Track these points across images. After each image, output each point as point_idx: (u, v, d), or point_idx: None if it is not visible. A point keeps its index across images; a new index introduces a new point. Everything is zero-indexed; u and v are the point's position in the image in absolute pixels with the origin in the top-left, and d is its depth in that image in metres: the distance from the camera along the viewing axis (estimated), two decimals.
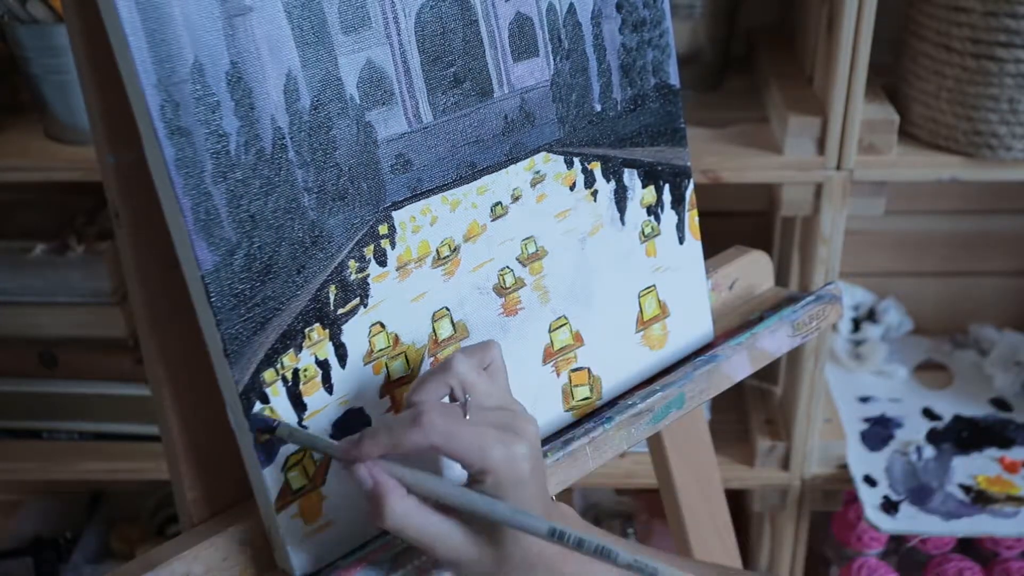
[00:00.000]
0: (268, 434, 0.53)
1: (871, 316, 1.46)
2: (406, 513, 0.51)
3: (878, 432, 1.31)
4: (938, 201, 1.43)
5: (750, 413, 1.32)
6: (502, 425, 0.51)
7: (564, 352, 0.65)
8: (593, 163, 0.65)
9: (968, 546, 1.31)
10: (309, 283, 0.53)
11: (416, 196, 0.57)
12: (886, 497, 1.21)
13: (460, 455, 0.50)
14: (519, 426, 0.52)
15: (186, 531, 0.56)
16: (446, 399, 0.54)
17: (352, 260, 0.55)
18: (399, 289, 0.57)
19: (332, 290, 0.54)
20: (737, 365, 0.70)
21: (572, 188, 0.64)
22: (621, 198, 0.67)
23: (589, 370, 0.67)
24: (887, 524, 1.18)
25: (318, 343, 0.54)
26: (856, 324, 1.45)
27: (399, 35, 0.56)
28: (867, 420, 1.33)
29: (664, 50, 0.67)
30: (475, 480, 0.51)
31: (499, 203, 0.61)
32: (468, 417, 0.51)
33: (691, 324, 0.72)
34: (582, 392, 0.67)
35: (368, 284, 0.56)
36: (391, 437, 0.50)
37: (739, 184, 1.10)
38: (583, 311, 0.66)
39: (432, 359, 0.59)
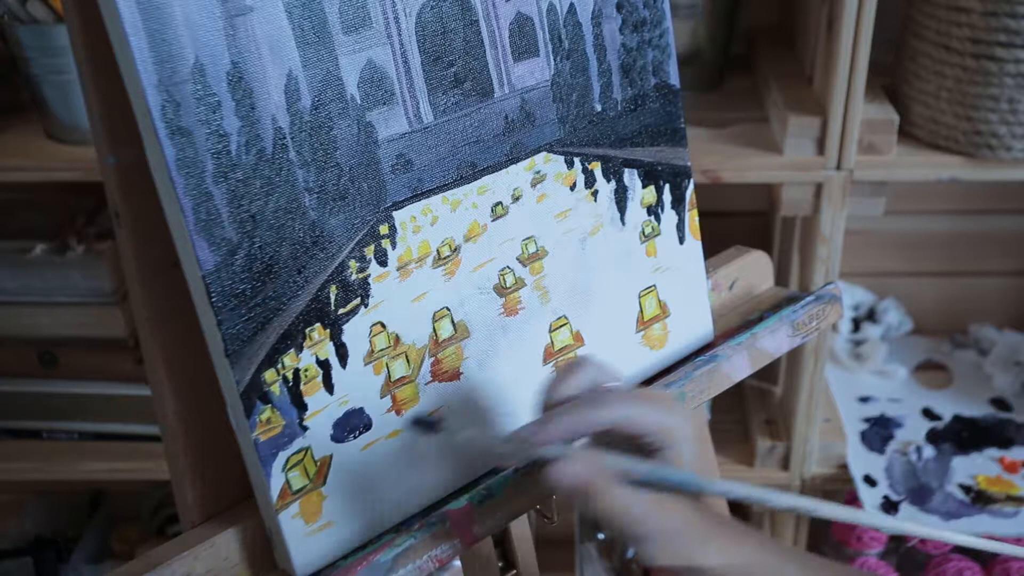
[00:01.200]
0: (430, 432, 0.56)
1: (871, 316, 1.46)
2: (616, 495, 0.51)
3: (878, 432, 1.31)
4: (938, 201, 1.43)
5: (750, 413, 1.32)
6: (655, 398, 0.55)
7: (564, 352, 0.65)
8: (593, 163, 0.65)
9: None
10: (310, 283, 0.53)
11: (417, 196, 0.57)
12: (886, 497, 1.21)
13: (645, 422, 0.53)
14: (664, 398, 0.55)
15: (186, 531, 0.56)
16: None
17: (353, 260, 0.55)
18: (400, 289, 0.57)
19: (333, 290, 0.54)
20: (737, 365, 0.70)
21: (572, 188, 0.64)
22: (621, 198, 0.67)
23: None
24: None
25: (319, 343, 0.54)
26: (856, 324, 1.45)
27: (400, 35, 0.56)
28: (867, 420, 1.33)
29: (664, 50, 0.67)
30: (658, 449, 0.53)
31: (499, 203, 0.61)
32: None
33: (691, 324, 0.72)
34: None
35: (369, 284, 0.56)
36: (574, 422, 0.52)
37: (739, 184, 1.10)
38: (583, 311, 0.66)
39: (432, 359, 0.59)
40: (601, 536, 1.49)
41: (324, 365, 0.55)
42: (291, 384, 0.53)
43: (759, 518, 1.39)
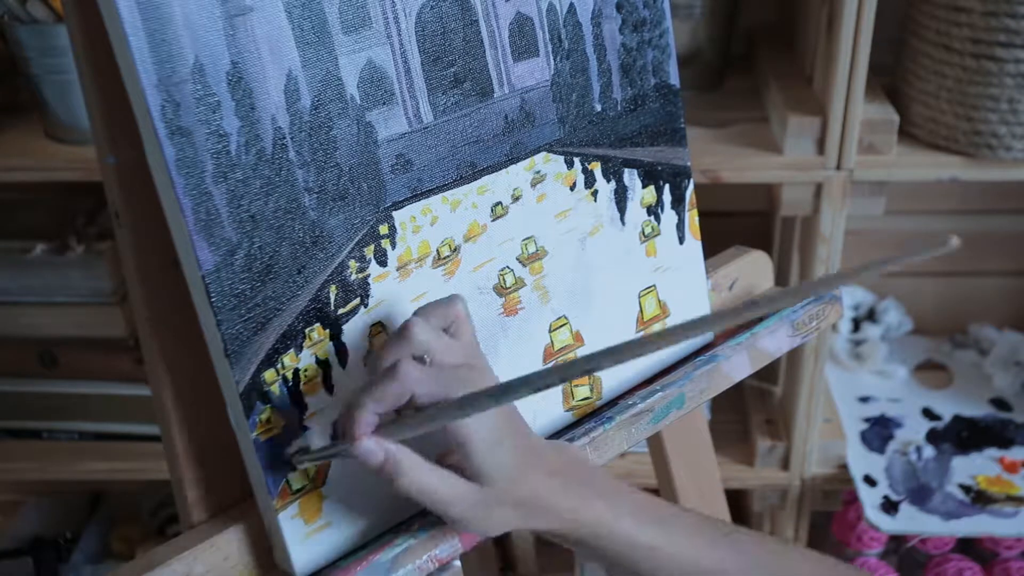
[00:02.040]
0: (291, 470, 0.54)
1: (871, 316, 1.46)
2: (422, 474, 0.52)
3: (878, 432, 1.31)
4: (938, 201, 1.43)
5: (750, 413, 1.32)
6: (463, 378, 0.52)
7: (564, 352, 0.65)
8: (593, 163, 0.65)
9: (968, 546, 1.31)
10: (310, 283, 0.53)
11: (416, 196, 0.57)
12: (886, 497, 1.21)
13: (436, 396, 0.51)
14: (477, 380, 0.52)
15: (186, 531, 0.56)
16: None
17: (352, 260, 0.55)
18: (399, 289, 0.57)
19: (333, 290, 0.54)
20: (737, 365, 0.70)
21: (572, 188, 0.64)
22: (621, 198, 0.67)
23: None
24: (887, 524, 1.18)
25: (319, 343, 0.54)
26: (856, 324, 1.45)
27: (399, 35, 0.56)
28: (867, 420, 1.33)
29: (664, 50, 0.67)
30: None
31: (499, 203, 0.61)
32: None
33: None
34: (582, 392, 0.67)
35: (368, 284, 0.56)
36: (373, 395, 0.51)
37: (739, 184, 1.10)
38: (583, 311, 0.66)
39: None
40: None
41: (324, 365, 0.55)
42: (291, 384, 0.53)
43: (759, 519, 1.39)
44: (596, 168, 0.65)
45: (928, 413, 1.34)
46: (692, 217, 0.71)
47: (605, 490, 0.58)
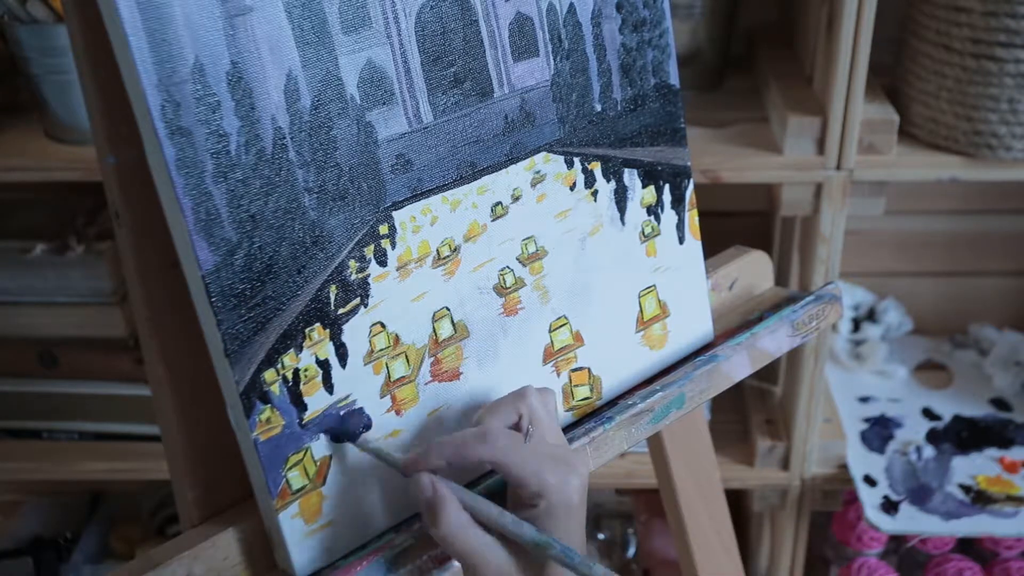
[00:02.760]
0: (350, 441, 0.56)
1: (871, 316, 1.46)
2: (460, 525, 0.53)
3: (878, 432, 1.31)
4: (938, 201, 1.43)
5: (750, 413, 1.32)
6: (559, 457, 0.55)
7: (564, 352, 0.65)
8: (593, 163, 0.65)
9: (968, 546, 1.31)
10: (309, 283, 0.53)
11: (416, 196, 0.57)
12: (886, 497, 1.21)
13: (519, 475, 0.53)
14: (573, 460, 0.55)
15: (186, 531, 0.56)
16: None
17: (352, 260, 0.55)
18: (399, 289, 0.57)
19: (332, 290, 0.55)
20: (737, 365, 0.70)
21: (572, 188, 0.64)
22: (621, 198, 0.67)
23: (589, 370, 0.67)
24: (887, 524, 1.18)
25: (318, 343, 0.54)
26: (856, 324, 1.45)
27: (399, 35, 0.56)
28: (867, 420, 1.33)
29: (664, 50, 0.67)
30: (527, 504, 0.54)
31: (499, 203, 0.61)
32: (528, 444, 0.54)
33: (691, 324, 0.72)
34: (582, 392, 0.67)
35: (368, 284, 0.56)
36: (456, 448, 0.53)
37: (739, 184, 1.10)
38: (583, 311, 0.66)
39: (432, 359, 0.59)
40: (601, 536, 1.49)
41: (324, 365, 0.55)
42: (291, 384, 0.53)
43: (759, 519, 1.39)
44: (596, 168, 0.65)
45: (928, 413, 1.35)
46: (692, 217, 0.71)
47: None
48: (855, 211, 1.12)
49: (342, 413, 0.56)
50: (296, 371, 0.53)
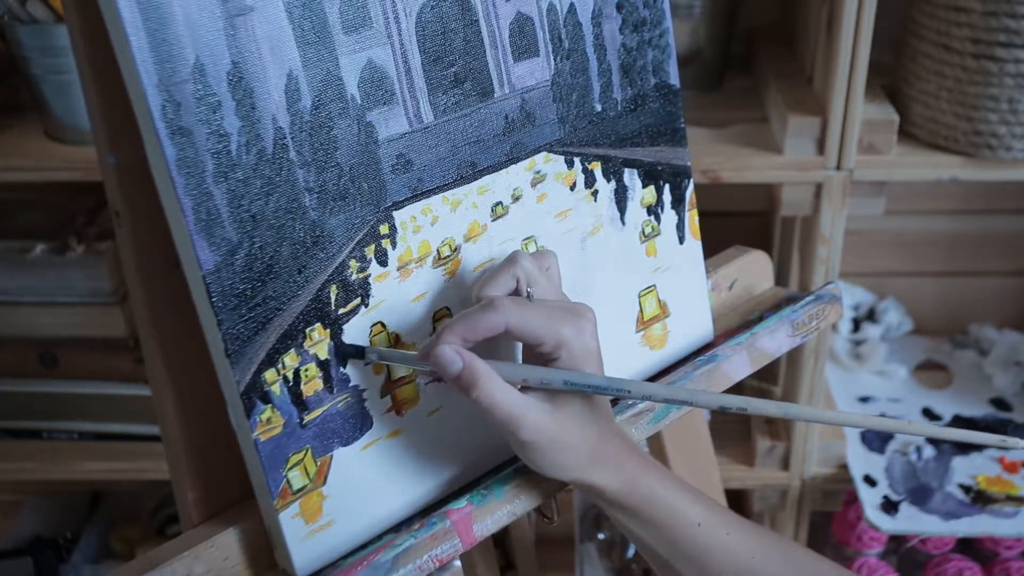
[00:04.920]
0: (356, 358, 0.55)
1: (871, 316, 1.46)
2: (498, 388, 0.53)
3: (878, 432, 1.31)
4: (938, 201, 1.43)
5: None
6: (568, 309, 0.56)
7: None
8: (593, 163, 0.65)
9: (968, 546, 1.31)
10: (310, 283, 0.53)
11: (417, 196, 0.57)
12: (886, 497, 1.21)
13: (534, 334, 0.54)
14: (580, 309, 0.56)
15: (186, 531, 0.56)
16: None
17: (353, 260, 0.55)
18: (400, 289, 0.57)
19: (333, 290, 0.55)
20: (737, 365, 0.70)
21: (572, 188, 0.64)
22: (621, 198, 0.67)
23: None
24: (887, 524, 1.18)
25: (319, 343, 0.54)
26: (856, 324, 1.45)
27: (400, 35, 0.56)
28: None
29: (664, 50, 0.67)
30: (549, 359, 0.55)
31: (500, 203, 0.61)
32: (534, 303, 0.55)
33: (691, 324, 0.72)
34: None
35: (369, 284, 0.56)
36: (467, 323, 0.53)
37: (739, 184, 1.10)
38: None
39: None
40: (601, 536, 1.49)
41: (324, 365, 0.55)
42: (291, 384, 0.53)
43: (759, 519, 1.39)
44: (596, 168, 0.65)
45: (928, 413, 1.35)
46: (692, 217, 0.71)
47: (660, 467, 0.60)
48: (855, 211, 1.12)
49: (345, 340, 0.55)
50: (297, 371, 0.53)
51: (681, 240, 0.71)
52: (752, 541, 0.59)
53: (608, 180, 0.66)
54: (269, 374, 0.52)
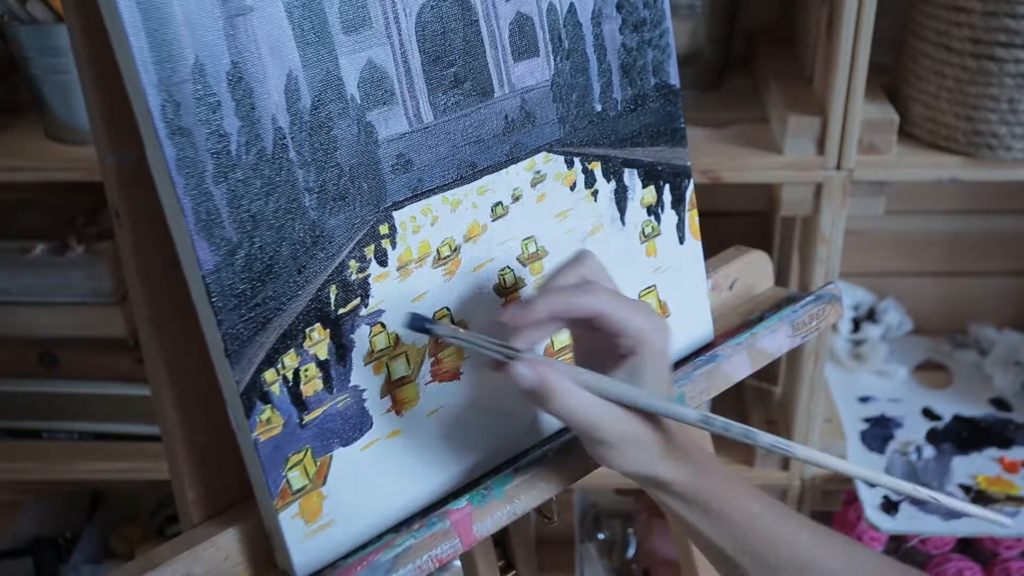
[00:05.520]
0: (423, 332, 0.55)
1: (871, 316, 1.46)
2: (574, 394, 0.53)
3: (878, 432, 1.31)
4: (938, 201, 1.43)
5: (750, 413, 1.32)
6: (644, 307, 0.56)
7: (565, 352, 0.65)
8: (593, 163, 0.65)
9: (968, 546, 1.31)
10: (310, 283, 0.53)
11: (417, 196, 0.57)
12: (886, 497, 1.21)
13: (622, 324, 0.54)
14: (659, 314, 0.57)
15: (186, 531, 0.56)
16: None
17: (353, 260, 0.55)
18: (400, 289, 0.57)
19: (333, 290, 0.54)
20: (737, 365, 0.70)
21: (572, 188, 0.64)
22: (621, 198, 0.67)
23: None
24: (887, 524, 1.18)
25: (319, 343, 0.54)
26: (856, 324, 1.45)
27: (400, 35, 0.56)
28: (867, 420, 1.33)
29: (664, 50, 0.67)
30: (626, 352, 0.55)
31: (499, 203, 0.61)
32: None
33: (691, 324, 0.72)
34: None
35: (369, 284, 0.56)
36: (562, 300, 0.54)
37: (739, 184, 1.10)
38: None
39: (433, 359, 0.59)
40: (601, 536, 1.49)
41: (324, 365, 0.55)
42: (291, 384, 0.53)
43: None
44: (596, 168, 0.65)
45: (928, 413, 1.35)
46: (692, 217, 0.71)
47: (720, 464, 0.61)
48: (855, 211, 1.12)
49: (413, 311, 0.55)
50: (296, 371, 0.53)
51: (681, 240, 0.71)
52: (811, 534, 0.60)
53: (608, 180, 0.66)
54: (269, 374, 0.52)
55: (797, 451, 0.55)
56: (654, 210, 0.69)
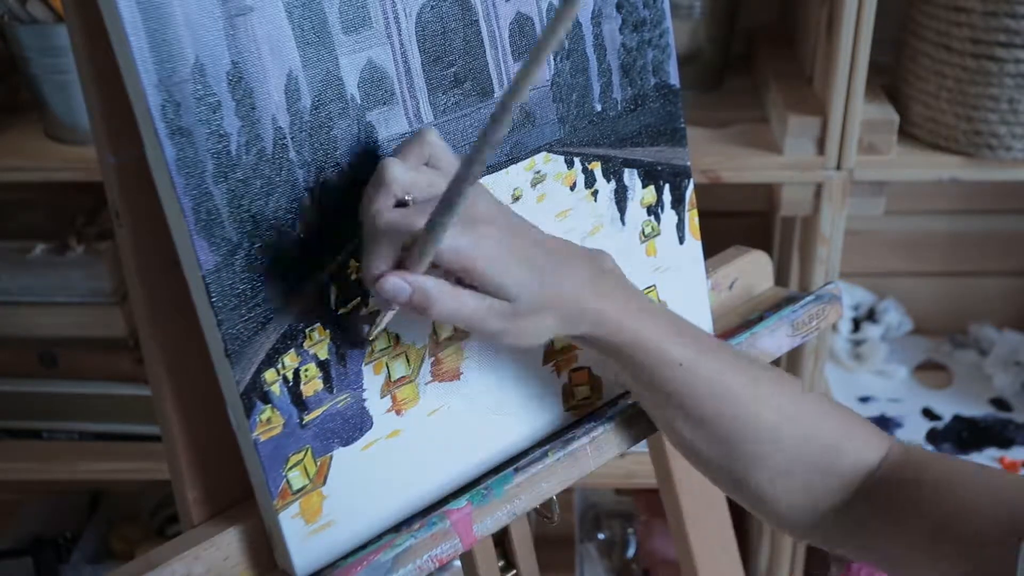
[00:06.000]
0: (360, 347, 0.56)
1: (871, 316, 1.46)
2: (451, 298, 0.52)
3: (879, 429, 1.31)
4: (938, 201, 1.43)
5: None
6: (460, 233, 0.51)
7: (565, 352, 0.65)
8: (593, 163, 0.65)
9: None
10: (310, 283, 0.53)
11: None
12: None
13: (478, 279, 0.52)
14: (473, 218, 0.52)
15: (186, 531, 0.56)
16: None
17: (353, 260, 0.55)
18: None
19: (333, 290, 0.54)
20: None
21: (572, 188, 0.64)
22: (621, 198, 0.67)
23: (590, 370, 0.67)
24: None
25: (319, 343, 0.54)
26: (856, 324, 1.45)
27: (400, 35, 0.56)
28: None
29: (664, 50, 0.67)
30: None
31: None
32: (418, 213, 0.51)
33: None
34: (583, 392, 0.67)
35: None
36: (375, 254, 0.51)
37: (739, 184, 1.10)
38: None
39: (432, 359, 0.59)
40: (601, 536, 1.49)
41: (324, 365, 0.55)
42: (291, 384, 0.53)
43: (759, 519, 1.39)
44: (596, 168, 0.65)
45: (928, 413, 1.35)
46: (692, 217, 0.71)
47: (645, 304, 0.60)
48: (855, 211, 1.12)
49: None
50: (296, 371, 0.53)
51: (681, 240, 0.71)
52: (740, 380, 0.60)
53: (608, 180, 0.66)
54: (269, 374, 0.52)
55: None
56: (654, 210, 0.69)
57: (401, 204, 0.52)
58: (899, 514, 0.59)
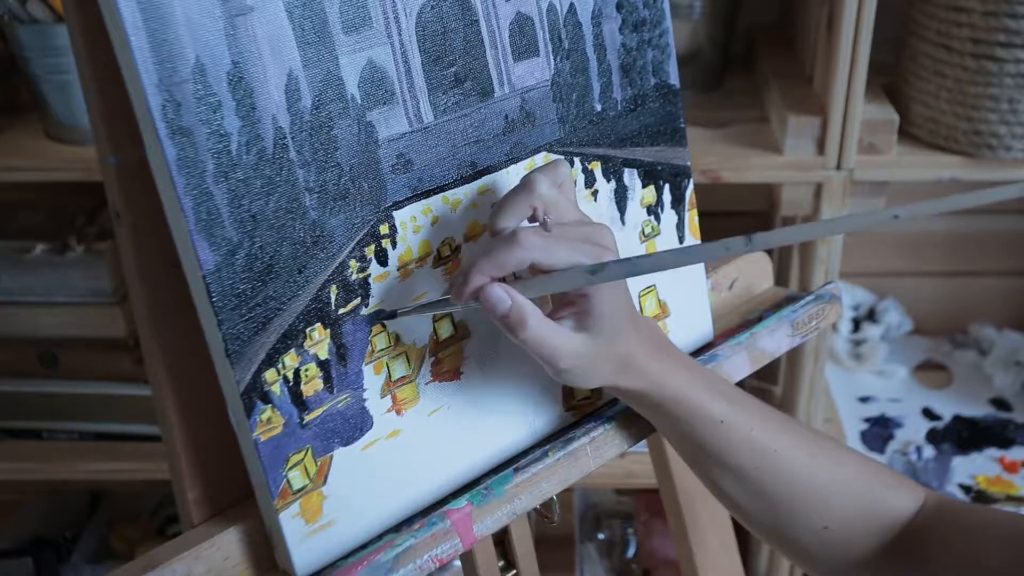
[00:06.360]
0: (390, 319, 0.57)
1: (871, 316, 1.46)
2: (541, 325, 0.54)
3: (878, 432, 1.31)
4: None
5: None
6: (586, 238, 0.55)
7: None
8: (593, 163, 0.65)
9: None
10: (310, 283, 0.53)
11: (417, 196, 0.57)
12: None
13: (558, 267, 0.54)
14: (600, 236, 0.56)
15: (186, 531, 0.56)
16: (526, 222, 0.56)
17: (353, 260, 0.55)
18: (400, 289, 0.57)
19: (333, 290, 0.55)
20: (737, 365, 0.70)
21: None
22: (621, 198, 0.67)
23: None
24: None
25: (319, 343, 0.54)
26: (856, 324, 1.46)
27: (400, 35, 0.56)
28: (867, 420, 1.33)
29: (664, 50, 0.67)
30: (573, 299, 0.56)
31: None
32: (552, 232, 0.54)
33: (691, 324, 0.72)
34: (583, 392, 0.67)
35: (369, 284, 0.56)
36: (493, 261, 0.53)
37: (739, 184, 1.10)
38: None
39: (433, 358, 0.59)
40: (601, 536, 1.49)
41: (324, 365, 0.55)
42: (292, 384, 0.53)
43: None
44: (596, 168, 0.65)
45: (928, 413, 1.35)
46: (692, 217, 0.71)
47: (687, 362, 0.62)
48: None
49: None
50: (297, 371, 0.53)
51: (681, 240, 0.71)
52: (779, 436, 0.61)
53: (608, 180, 0.66)
54: (269, 374, 0.52)
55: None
56: (654, 210, 0.69)
57: (531, 219, 0.55)
58: (934, 564, 0.61)
